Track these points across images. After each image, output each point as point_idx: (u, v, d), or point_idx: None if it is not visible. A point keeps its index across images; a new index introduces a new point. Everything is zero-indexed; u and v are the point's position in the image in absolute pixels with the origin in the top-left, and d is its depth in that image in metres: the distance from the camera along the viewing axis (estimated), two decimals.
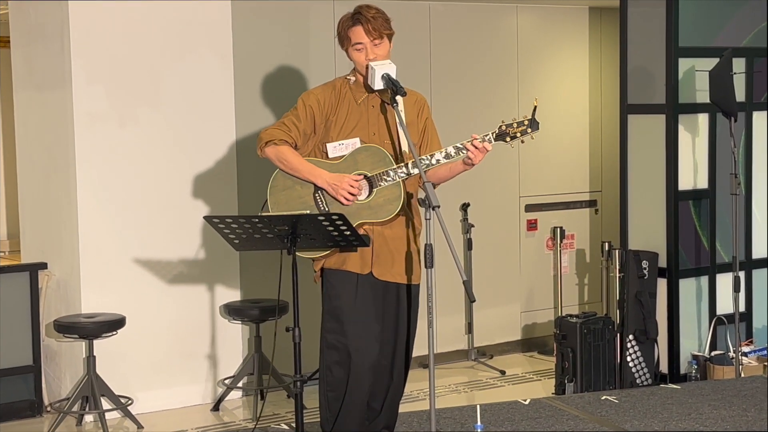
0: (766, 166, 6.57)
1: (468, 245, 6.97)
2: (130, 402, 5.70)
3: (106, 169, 5.79)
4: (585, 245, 7.61)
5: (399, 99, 4.26)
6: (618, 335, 6.14)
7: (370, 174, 4.29)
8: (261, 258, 5.98)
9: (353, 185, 4.25)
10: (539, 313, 7.44)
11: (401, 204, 4.29)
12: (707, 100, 6.08)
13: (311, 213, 4.22)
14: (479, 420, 4.15)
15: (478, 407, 4.59)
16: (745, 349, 6.27)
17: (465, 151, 4.24)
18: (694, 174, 6.31)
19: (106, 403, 5.58)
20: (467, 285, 3.87)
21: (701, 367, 6.19)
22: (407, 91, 4.27)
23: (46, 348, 5.97)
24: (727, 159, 6.14)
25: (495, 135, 4.27)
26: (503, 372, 6.77)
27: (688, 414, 5.25)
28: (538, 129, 4.28)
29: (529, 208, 7.40)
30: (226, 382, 6.07)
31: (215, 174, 6.08)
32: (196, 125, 6.02)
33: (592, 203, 7.68)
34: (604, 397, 5.63)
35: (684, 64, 6.19)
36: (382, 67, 4.27)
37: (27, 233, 6.26)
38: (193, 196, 6.03)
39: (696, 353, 6.27)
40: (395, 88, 4.23)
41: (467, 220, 6.99)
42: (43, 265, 5.98)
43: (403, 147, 4.35)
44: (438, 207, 3.91)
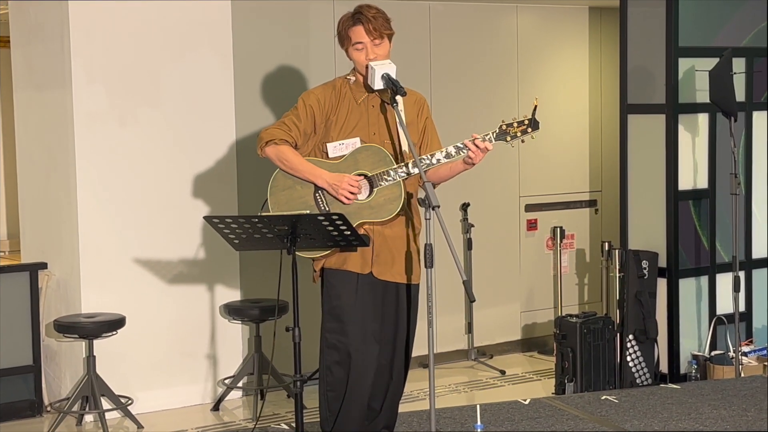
0: (766, 165, 6.56)
1: (468, 245, 6.97)
2: (130, 402, 5.70)
3: (106, 169, 5.79)
4: (585, 245, 7.61)
5: (399, 99, 4.27)
6: (618, 335, 6.14)
7: (370, 174, 4.29)
8: (261, 258, 5.98)
9: (353, 185, 4.25)
10: (539, 313, 7.44)
11: (402, 204, 4.29)
12: (707, 99, 6.08)
13: (311, 213, 4.22)
14: (479, 420, 4.15)
15: (478, 407, 4.59)
16: (745, 349, 6.27)
17: (465, 151, 4.24)
18: (694, 174, 6.31)
19: (106, 403, 5.58)
20: (467, 285, 3.87)
21: (701, 367, 6.19)
22: (407, 91, 4.27)
23: (46, 348, 5.97)
24: (727, 159, 6.14)
25: (495, 134, 4.27)
26: (503, 372, 6.77)
27: (688, 414, 5.25)
28: (538, 128, 4.28)
29: (529, 207, 7.39)
30: (226, 381, 6.07)
31: (215, 174, 6.08)
32: (196, 125, 6.02)
33: (592, 203, 7.68)
34: (604, 397, 5.63)
35: (684, 63, 6.19)
36: (382, 67, 4.27)
37: (27, 233, 6.25)
38: (193, 195, 6.03)
39: (696, 353, 6.27)
40: (395, 87, 4.23)
41: (467, 219, 6.99)
42: (43, 265, 5.98)
43: (403, 147, 4.35)
44: (438, 207, 3.91)
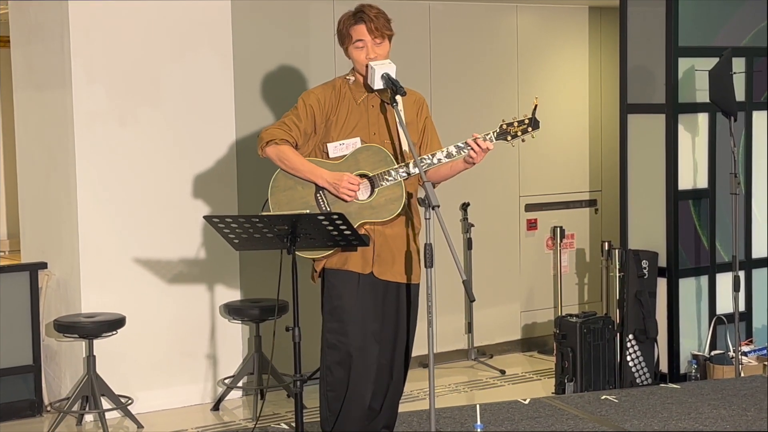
0: (765, 165, 6.56)
1: (468, 245, 6.97)
2: (130, 402, 5.70)
3: (106, 169, 5.79)
4: (585, 245, 7.61)
5: (398, 98, 4.27)
6: (618, 335, 6.14)
7: (371, 174, 4.29)
8: (261, 258, 5.98)
9: (353, 182, 4.24)
10: (539, 313, 7.44)
11: (403, 203, 4.29)
12: (707, 99, 6.08)
13: (311, 212, 4.21)
14: (479, 419, 4.15)
15: (477, 407, 4.59)
16: (745, 349, 6.27)
17: (467, 150, 4.24)
18: (693, 173, 6.31)
19: (106, 403, 5.58)
20: (467, 284, 3.87)
21: (701, 367, 6.19)
22: (406, 91, 4.27)
23: (46, 348, 5.97)
24: (727, 158, 6.14)
25: (496, 134, 4.28)
26: (503, 371, 6.77)
27: (687, 413, 5.25)
28: (538, 128, 4.28)
29: (529, 207, 7.39)
30: (226, 381, 6.07)
31: (215, 173, 6.08)
32: (196, 125, 6.02)
33: (592, 203, 7.68)
34: (603, 397, 5.63)
35: (684, 63, 6.19)
36: (381, 67, 4.27)
37: (27, 233, 6.25)
38: (193, 195, 6.03)
39: (696, 353, 6.27)
40: (395, 87, 4.22)
41: (467, 219, 6.99)
42: (43, 265, 5.98)
43: (404, 146, 4.35)
44: (438, 206, 3.91)
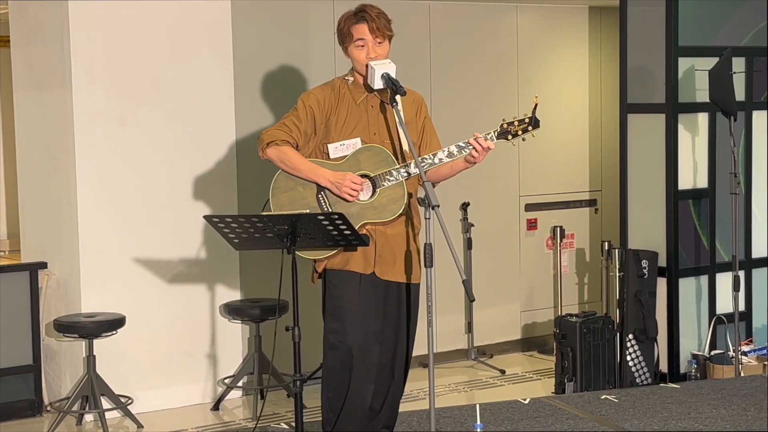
0: (765, 165, 6.57)
1: (468, 244, 6.97)
2: (130, 401, 5.70)
3: (106, 169, 5.79)
4: (585, 244, 7.61)
5: (398, 98, 4.26)
6: (618, 334, 6.14)
7: (372, 174, 4.29)
8: (261, 257, 5.98)
9: (356, 181, 4.24)
10: (539, 313, 7.44)
11: (405, 203, 4.29)
12: (707, 99, 6.08)
13: (311, 212, 4.21)
14: (479, 419, 4.15)
15: (477, 406, 4.59)
16: (745, 349, 6.27)
17: (468, 150, 4.24)
18: (693, 173, 6.31)
19: (106, 403, 5.58)
20: (467, 284, 3.87)
21: (701, 367, 6.19)
22: (406, 91, 4.27)
23: (46, 347, 5.97)
24: (727, 158, 6.14)
25: (497, 133, 4.28)
26: (503, 371, 6.77)
27: (687, 413, 5.25)
28: (539, 127, 4.28)
29: (529, 207, 7.39)
30: (226, 381, 6.07)
31: (215, 173, 6.08)
32: (196, 125, 6.02)
33: (591, 202, 7.68)
34: (603, 397, 5.63)
35: (684, 63, 6.19)
36: (381, 67, 4.27)
37: (27, 233, 6.25)
38: (193, 195, 6.02)
39: (696, 352, 6.27)
40: (395, 87, 4.22)
41: (467, 219, 6.99)
42: (43, 265, 5.98)
43: (404, 146, 4.35)
44: (438, 206, 3.91)
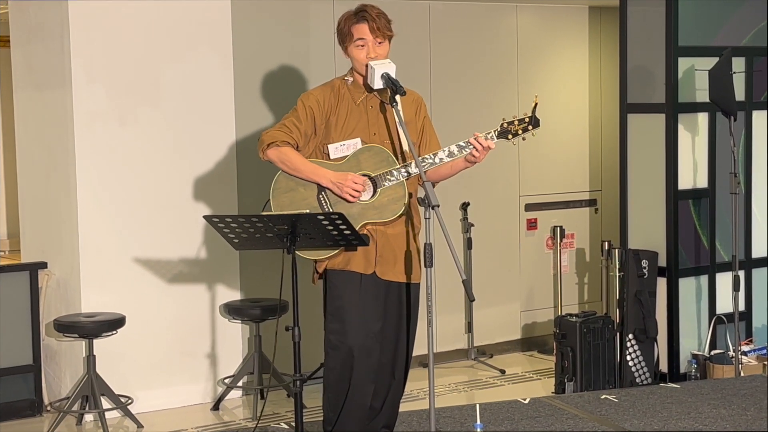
0: (765, 165, 6.57)
1: (468, 244, 6.97)
2: (130, 401, 5.70)
3: (106, 169, 5.79)
4: (585, 244, 7.61)
5: (397, 98, 4.26)
6: (618, 334, 6.14)
7: (373, 174, 4.29)
8: (261, 257, 5.98)
9: (357, 182, 4.25)
10: (539, 313, 7.44)
11: (406, 203, 4.30)
12: (707, 99, 6.08)
13: (311, 212, 4.21)
14: (479, 419, 4.15)
15: (477, 406, 4.59)
16: (745, 349, 6.27)
17: (468, 149, 4.25)
18: (693, 173, 6.31)
19: (106, 403, 5.58)
20: (467, 284, 3.87)
21: (701, 367, 6.19)
22: (406, 91, 4.28)
23: (46, 347, 5.97)
24: (727, 158, 6.14)
25: (497, 132, 4.28)
26: (503, 371, 6.77)
27: (687, 413, 5.25)
28: (539, 126, 4.29)
29: (529, 207, 7.39)
30: (226, 381, 6.07)
31: (215, 173, 6.08)
32: (196, 124, 6.02)
33: (591, 202, 7.68)
34: (603, 396, 5.63)
35: (684, 63, 6.19)
36: (381, 67, 4.27)
37: (27, 233, 6.25)
38: (193, 195, 6.02)
39: (696, 352, 6.27)
40: (395, 87, 4.22)
41: (467, 219, 6.99)
42: (43, 265, 5.98)
43: (404, 146, 4.35)
44: (437, 206, 3.91)
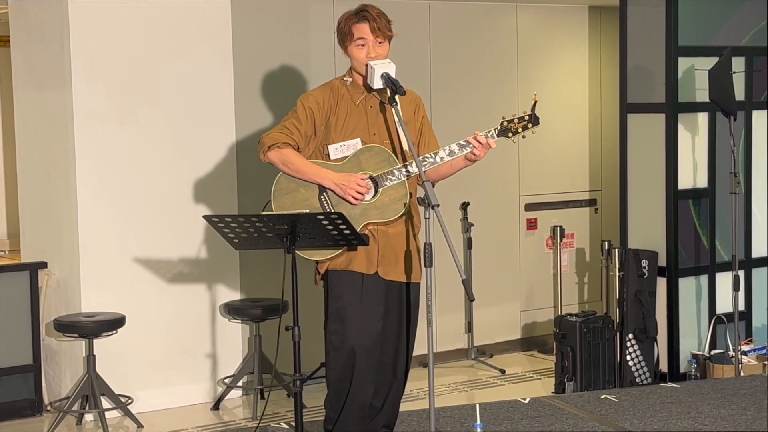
0: (765, 165, 6.57)
1: (468, 244, 6.97)
2: (130, 401, 5.70)
3: (106, 169, 5.79)
4: (585, 244, 7.61)
5: (397, 98, 4.27)
6: (618, 334, 6.14)
7: (374, 174, 4.30)
8: (261, 257, 5.99)
9: (361, 184, 4.25)
10: (539, 312, 7.44)
11: (408, 203, 4.30)
12: (707, 99, 6.08)
13: (311, 212, 4.21)
14: (479, 419, 4.15)
15: (477, 406, 4.59)
16: (745, 348, 6.27)
17: (469, 148, 4.26)
18: (693, 173, 6.31)
19: (106, 402, 5.58)
20: (467, 284, 3.87)
21: (701, 366, 6.19)
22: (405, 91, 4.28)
23: (46, 347, 5.97)
24: (727, 158, 6.14)
25: (497, 131, 4.29)
26: (503, 371, 6.77)
27: (687, 413, 5.25)
28: (538, 124, 4.30)
29: (529, 207, 7.39)
30: (226, 381, 6.07)
31: (215, 173, 6.08)
32: (196, 124, 6.02)
33: (591, 202, 7.68)
34: (603, 396, 5.63)
35: (683, 63, 6.19)
36: (381, 66, 4.27)
37: (27, 232, 6.26)
38: (193, 195, 6.02)
39: (696, 352, 6.27)
40: (395, 87, 4.23)
41: (467, 219, 6.99)
42: (43, 265, 5.98)
43: (404, 146, 4.35)
44: (437, 206, 3.91)
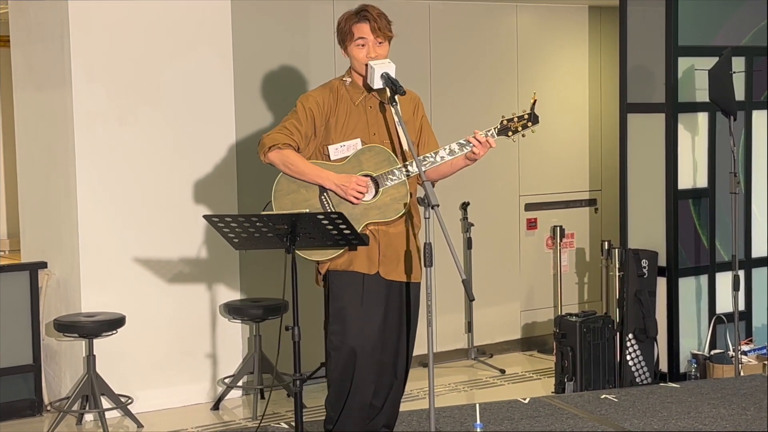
0: (765, 164, 6.57)
1: (468, 244, 6.97)
2: (130, 401, 5.70)
3: (105, 169, 5.79)
4: (585, 244, 7.61)
5: (397, 98, 4.27)
6: (618, 334, 6.14)
7: (375, 174, 4.30)
8: (261, 257, 5.99)
9: (361, 184, 4.26)
10: (539, 312, 7.44)
11: (408, 202, 4.30)
12: (707, 99, 6.08)
13: (311, 212, 4.21)
14: (479, 419, 4.15)
15: (477, 406, 4.59)
16: (745, 348, 6.27)
17: (469, 147, 4.26)
18: (693, 173, 6.31)
19: (106, 402, 5.58)
20: (466, 284, 3.87)
21: (701, 366, 6.19)
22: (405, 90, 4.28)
23: (46, 347, 5.97)
24: (727, 158, 6.14)
25: (497, 130, 4.30)
26: (503, 371, 6.77)
27: (687, 413, 5.25)
28: (538, 122, 4.31)
29: (529, 206, 7.39)
30: (226, 381, 6.07)
31: (215, 173, 6.08)
32: (196, 124, 6.02)
33: (591, 202, 7.68)
34: (603, 396, 5.63)
35: (683, 63, 6.19)
36: (381, 66, 4.28)
37: (27, 232, 6.26)
38: (193, 195, 6.02)
39: (695, 352, 6.27)
40: (394, 87, 4.23)
41: (467, 219, 6.99)
42: (43, 264, 5.98)
43: (404, 146, 4.36)
44: (437, 206, 3.92)
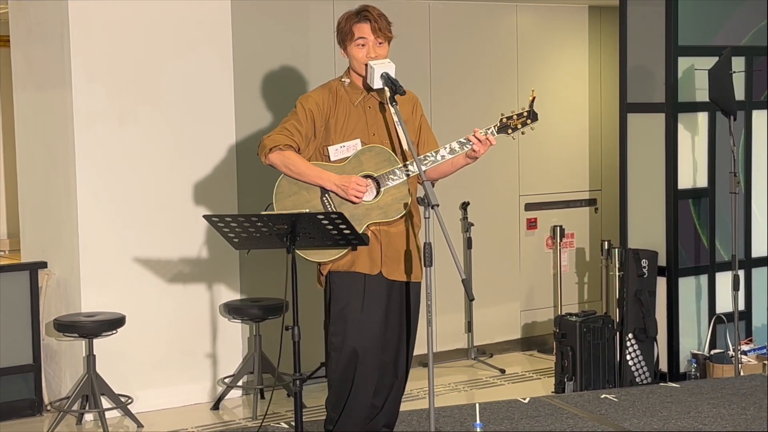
0: (765, 164, 6.57)
1: (468, 244, 6.98)
2: (130, 401, 5.70)
3: (106, 168, 5.79)
4: (585, 244, 7.61)
5: (397, 98, 4.27)
6: (617, 334, 6.14)
7: (375, 174, 4.30)
8: (261, 257, 5.99)
9: (361, 183, 4.26)
10: (539, 312, 7.44)
11: (409, 202, 4.30)
12: (707, 98, 6.08)
13: (311, 212, 4.22)
14: (478, 418, 4.15)
15: (477, 406, 4.58)
16: (745, 348, 6.27)
17: (469, 145, 4.27)
18: (693, 173, 6.31)
19: (106, 402, 5.58)
20: (466, 284, 3.87)
21: (701, 366, 6.20)
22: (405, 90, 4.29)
23: (46, 347, 5.97)
24: (727, 158, 6.15)
25: (497, 128, 4.30)
26: (503, 370, 6.77)
27: (687, 412, 5.25)
28: (537, 120, 4.33)
29: (529, 206, 7.39)
30: (226, 381, 6.07)
31: (215, 173, 6.08)
32: (196, 124, 6.03)
33: (591, 202, 7.68)
34: (603, 396, 5.63)
35: (683, 62, 6.19)
36: (381, 66, 4.28)
37: (27, 232, 6.26)
38: (193, 195, 6.03)
39: (695, 352, 6.28)
40: (394, 87, 4.23)
41: (467, 218, 6.99)
42: (43, 264, 5.98)
43: (403, 146, 4.36)
44: (437, 206, 3.92)
